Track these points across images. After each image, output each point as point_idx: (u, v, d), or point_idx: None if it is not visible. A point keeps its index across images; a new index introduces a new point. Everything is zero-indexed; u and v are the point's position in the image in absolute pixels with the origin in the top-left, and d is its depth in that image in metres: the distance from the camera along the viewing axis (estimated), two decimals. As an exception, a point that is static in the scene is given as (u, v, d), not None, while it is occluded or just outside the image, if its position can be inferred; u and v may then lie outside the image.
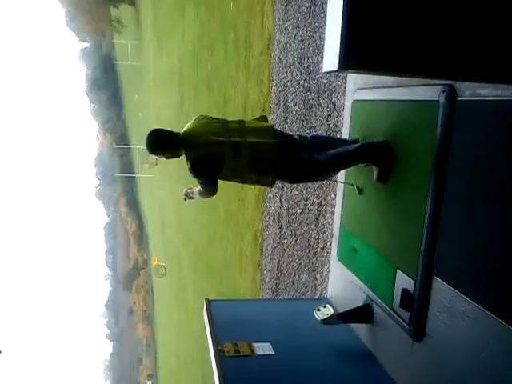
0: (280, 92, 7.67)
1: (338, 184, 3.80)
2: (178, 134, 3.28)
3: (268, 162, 3.17)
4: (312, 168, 3.24)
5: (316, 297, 5.82)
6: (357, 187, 3.33)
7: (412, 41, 1.68)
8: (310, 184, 6.27)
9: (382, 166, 2.94)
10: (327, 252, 5.52)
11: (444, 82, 2.36)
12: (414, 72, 1.78)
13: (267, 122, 3.48)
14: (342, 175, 3.65)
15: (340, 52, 1.63)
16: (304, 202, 6.39)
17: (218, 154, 3.13)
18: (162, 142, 3.31)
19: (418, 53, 1.69)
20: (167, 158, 3.37)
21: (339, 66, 1.65)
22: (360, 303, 3.20)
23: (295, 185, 6.57)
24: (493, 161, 2.10)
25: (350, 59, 1.65)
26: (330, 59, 1.70)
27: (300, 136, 3.54)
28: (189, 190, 3.50)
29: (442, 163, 2.39)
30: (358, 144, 3.21)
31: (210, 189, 3.32)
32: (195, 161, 3.18)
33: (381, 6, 1.64)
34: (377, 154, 2.97)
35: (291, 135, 3.56)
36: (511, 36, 1.73)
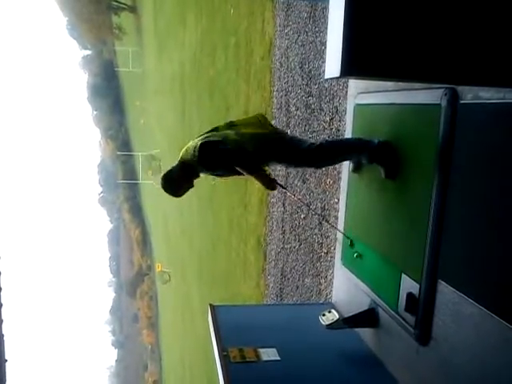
0: (282, 97, 7.69)
1: (341, 188, 3.81)
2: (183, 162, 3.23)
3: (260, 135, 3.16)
4: (306, 151, 3.18)
5: (321, 301, 5.81)
6: (350, 240, 3.37)
7: (413, 46, 1.69)
8: (313, 189, 6.27)
9: (387, 165, 2.94)
10: (331, 256, 5.52)
11: (446, 85, 2.36)
12: (416, 77, 1.78)
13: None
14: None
15: (342, 59, 1.63)
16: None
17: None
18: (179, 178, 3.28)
19: (420, 58, 1.70)
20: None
21: (341, 73, 1.65)
22: (365, 307, 3.19)
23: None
24: (496, 164, 2.10)
25: (352, 66, 1.65)
26: (332, 66, 1.71)
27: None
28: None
29: (445, 166, 2.39)
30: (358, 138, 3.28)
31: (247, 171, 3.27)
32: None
33: (382, 13, 1.65)
34: (377, 151, 2.99)
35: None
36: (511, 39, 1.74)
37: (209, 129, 3.32)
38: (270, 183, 3.33)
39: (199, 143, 3.09)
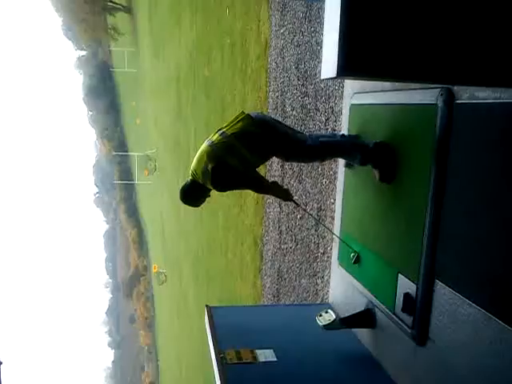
0: (277, 97, 7.68)
1: (338, 188, 3.80)
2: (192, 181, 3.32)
3: (252, 134, 3.15)
4: (297, 147, 3.21)
5: (317, 302, 5.81)
6: (354, 255, 3.32)
7: (409, 47, 1.69)
8: (309, 189, 6.27)
9: (383, 167, 2.93)
10: (328, 257, 5.51)
11: (442, 85, 2.36)
12: (412, 77, 1.78)
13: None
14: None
15: (338, 59, 1.63)
16: (303, 207, 6.38)
17: (221, 162, 3.12)
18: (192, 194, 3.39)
19: (416, 58, 1.69)
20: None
21: (337, 73, 1.65)
22: (362, 308, 3.19)
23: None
24: (492, 163, 2.10)
25: (348, 66, 1.65)
26: (328, 66, 1.70)
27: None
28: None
29: (442, 166, 2.39)
30: (354, 140, 3.27)
31: (258, 189, 3.47)
32: (218, 181, 3.20)
33: (378, 13, 1.65)
34: (373, 154, 2.97)
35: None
36: (508, 39, 1.73)
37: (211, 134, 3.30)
38: (285, 195, 3.44)
39: (210, 167, 3.10)
